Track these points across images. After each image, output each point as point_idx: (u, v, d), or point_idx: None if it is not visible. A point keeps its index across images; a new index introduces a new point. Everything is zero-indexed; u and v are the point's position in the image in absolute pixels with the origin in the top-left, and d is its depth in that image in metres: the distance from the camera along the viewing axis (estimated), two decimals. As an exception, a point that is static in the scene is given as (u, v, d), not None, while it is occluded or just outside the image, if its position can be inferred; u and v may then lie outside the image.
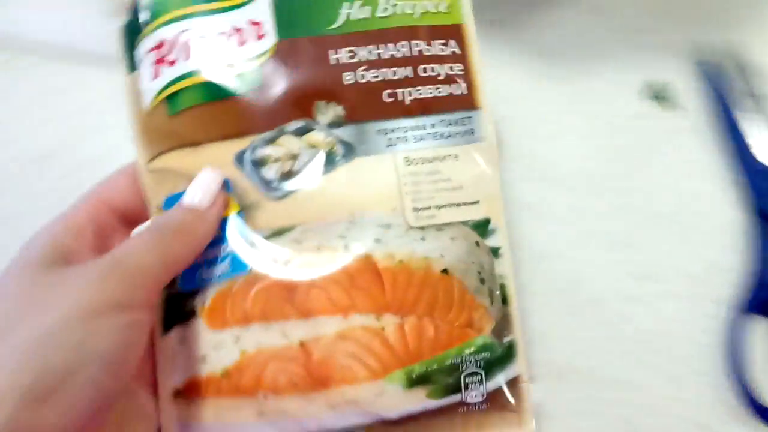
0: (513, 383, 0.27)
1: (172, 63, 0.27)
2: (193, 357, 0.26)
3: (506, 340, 0.27)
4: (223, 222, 0.26)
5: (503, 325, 0.27)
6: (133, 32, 0.28)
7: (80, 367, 0.20)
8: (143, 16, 0.28)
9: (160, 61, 0.27)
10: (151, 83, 0.27)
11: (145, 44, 0.27)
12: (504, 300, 0.27)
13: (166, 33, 0.27)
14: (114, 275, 0.21)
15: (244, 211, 0.27)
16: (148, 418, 0.25)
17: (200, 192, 0.25)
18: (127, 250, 0.23)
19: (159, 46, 0.27)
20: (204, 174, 0.26)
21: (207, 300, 0.26)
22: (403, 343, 0.26)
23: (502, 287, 0.27)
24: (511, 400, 0.26)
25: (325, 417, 0.26)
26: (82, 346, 0.20)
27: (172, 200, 0.27)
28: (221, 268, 0.26)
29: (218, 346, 0.26)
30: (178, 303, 0.27)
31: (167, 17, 0.27)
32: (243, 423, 0.26)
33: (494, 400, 0.26)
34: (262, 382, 0.25)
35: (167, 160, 0.27)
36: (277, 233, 0.26)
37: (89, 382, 0.20)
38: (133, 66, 0.28)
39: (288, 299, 0.26)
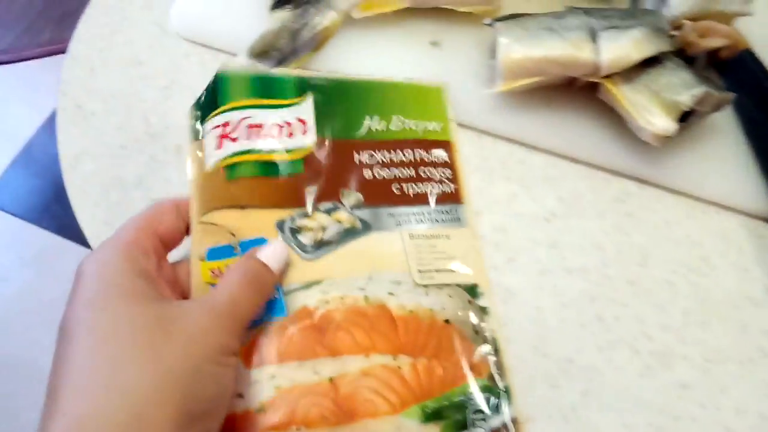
0: (514, 423, 0.31)
1: (234, 140, 0.34)
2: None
3: (502, 384, 0.32)
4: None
5: (499, 371, 0.32)
6: (203, 110, 0.35)
7: (221, 399, 0.24)
8: (214, 100, 0.35)
9: (224, 136, 0.34)
10: (215, 151, 0.34)
11: (214, 121, 0.34)
12: (496, 350, 0.33)
13: (232, 116, 0.34)
14: (230, 321, 0.26)
15: (281, 267, 0.32)
16: None
17: (274, 256, 0.30)
18: (232, 296, 0.27)
19: (225, 125, 0.34)
20: (278, 243, 0.31)
21: (246, 341, 0.30)
22: (417, 380, 0.30)
23: (494, 340, 0.33)
24: (514, 439, 0.30)
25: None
26: (220, 380, 0.24)
27: (214, 252, 0.32)
28: (258, 314, 0.31)
29: (254, 383, 0.29)
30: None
31: (234, 105, 0.35)
32: (276, 456, 0.28)
33: (499, 438, 0.30)
34: (295, 416, 0.29)
35: (217, 217, 0.32)
36: (307, 285, 0.32)
37: (222, 413, 0.24)
38: (198, 135, 0.34)
39: (318, 340, 0.30)
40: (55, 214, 1.31)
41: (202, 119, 0.35)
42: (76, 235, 1.27)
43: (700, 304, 0.38)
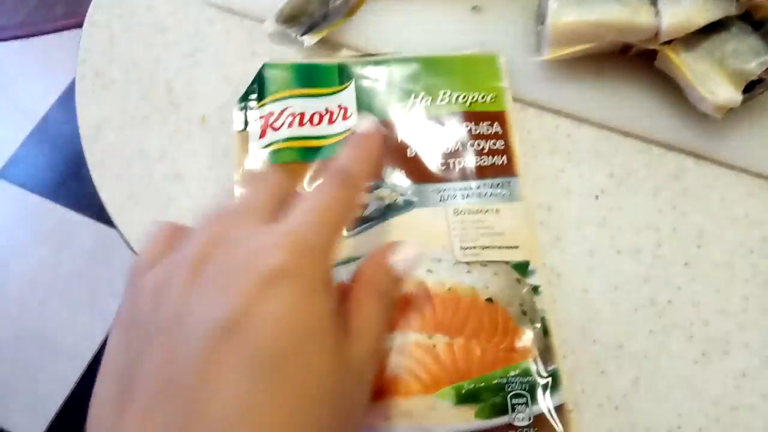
0: (559, 410, 0.29)
1: (276, 129, 0.35)
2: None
3: (550, 368, 0.30)
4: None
5: (546, 354, 0.30)
6: (248, 101, 0.36)
7: None
8: (258, 92, 0.36)
9: (267, 126, 0.35)
10: (259, 140, 0.35)
11: (258, 112, 0.36)
12: (545, 332, 0.31)
13: (274, 107, 0.35)
14: None
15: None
16: None
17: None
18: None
19: (268, 116, 0.35)
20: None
21: None
22: (453, 360, 0.29)
23: (543, 320, 0.31)
24: (559, 427, 0.29)
25: (380, 427, 0.27)
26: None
27: None
28: None
29: None
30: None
31: (277, 96, 0.36)
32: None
33: (541, 425, 0.29)
34: None
35: None
36: (347, 261, 0.31)
37: None
38: (244, 126, 0.36)
39: None
40: (71, 189, 1.31)
41: (249, 109, 0.36)
42: (92, 211, 1.27)
43: (761, 288, 0.35)
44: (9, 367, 1.15)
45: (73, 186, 1.31)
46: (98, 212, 1.28)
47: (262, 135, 0.35)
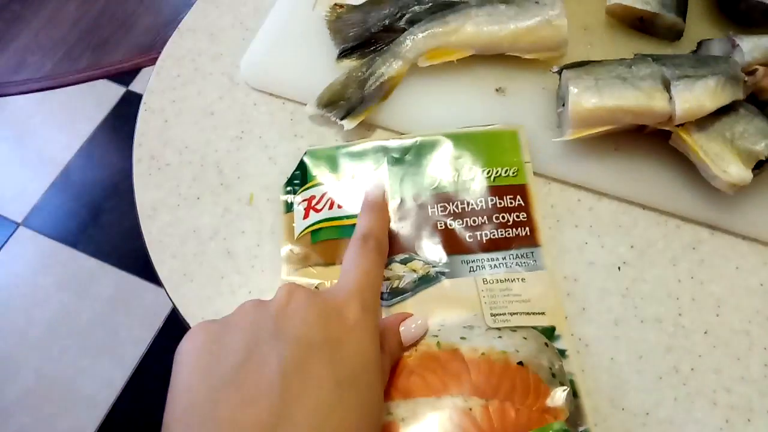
0: (592, 470, 0.32)
1: (318, 210, 0.39)
2: None
3: (581, 429, 0.33)
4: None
5: (576, 415, 0.33)
6: (293, 186, 0.41)
7: None
8: (301, 178, 0.41)
9: (309, 208, 0.39)
10: (302, 221, 0.39)
11: (302, 196, 0.40)
12: (574, 394, 0.34)
13: (315, 191, 0.40)
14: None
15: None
16: None
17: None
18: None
19: (310, 199, 0.40)
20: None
21: None
22: (489, 422, 0.32)
23: (572, 383, 0.34)
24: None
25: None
26: None
27: None
28: None
29: None
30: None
31: (317, 182, 0.40)
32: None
33: (575, 486, 0.31)
34: None
35: (304, 275, 0.38)
36: None
37: None
38: (289, 208, 0.40)
39: (392, 384, 0.33)
40: (91, 237, 1.35)
41: (293, 193, 0.40)
42: (112, 258, 1.30)
43: (779, 355, 0.38)
44: (29, 415, 1.17)
45: (93, 233, 1.35)
46: (118, 259, 1.32)
47: (306, 216, 0.39)
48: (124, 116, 1.49)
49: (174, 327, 1.24)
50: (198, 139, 0.45)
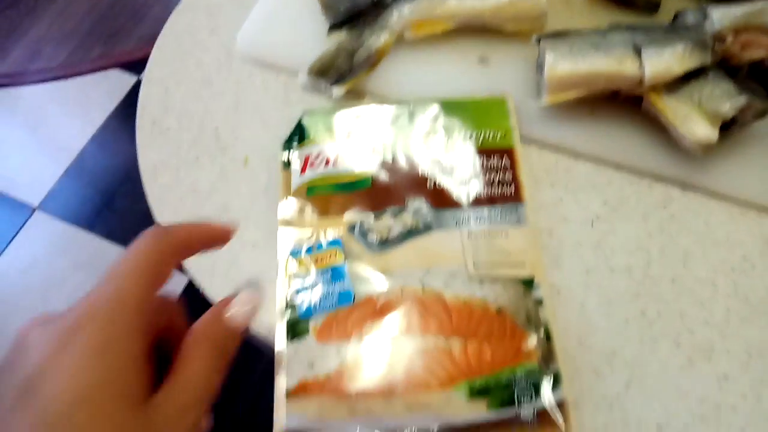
0: (561, 406, 0.34)
1: (314, 167, 0.42)
2: (303, 364, 0.34)
3: (552, 368, 0.35)
4: (334, 267, 0.37)
5: (549, 357, 0.36)
6: (289, 146, 0.44)
7: None
8: (299, 136, 0.43)
9: (306, 165, 0.42)
10: (299, 177, 0.42)
11: (298, 154, 0.43)
12: (548, 337, 0.36)
13: (312, 150, 0.43)
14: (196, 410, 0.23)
15: (350, 261, 0.37)
16: None
17: (244, 308, 0.26)
18: (196, 390, 0.23)
19: (307, 157, 0.42)
20: (245, 293, 0.27)
21: (318, 322, 0.35)
22: (466, 359, 0.34)
23: (546, 328, 0.37)
24: (560, 420, 0.34)
25: (403, 417, 0.33)
26: None
27: (296, 251, 0.39)
28: (331, 299, 0.36)
29: (324, 355, 0.35)
30: (296, 324, 0.35)
31: (314, 141, 0.43)
32: (338, 420, 0.33)
33: (544, 419, 0.34)
34: (356, 384, 0.34)
35: (299, 225, 0.40)
36: (373, 276, 0.37)
37: None
38: (287, 165, 0.43)
39: (378, 320, 0.36)
40: (106, 220, 1.39)
41: (290, 151, 0.43)
42: (125, 241, 1.35)
43: (742, 302, 0.40)
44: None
45: (107, 217, 1.40)
46: (131, 241, 1.36)
47: (302, 172, 0.42)
48: (135, 104, 1.53)
49: (185, 307, 1.27)
50: (196, 106, 0.48)
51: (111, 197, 1.42)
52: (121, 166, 1.45)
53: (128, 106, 1.53)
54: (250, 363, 1.22)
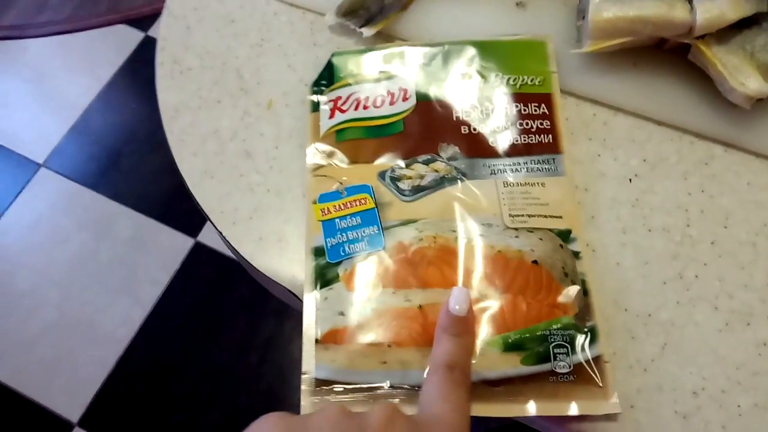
0: (597, 361, 0.33)
1: (343, 111, 0.40)
2: (333, 312, 0.33)
3: (588, 324, 0.34)
4: (364, 213, 0.35)
5: (585, 312, 0.34)
6: (319, 86, 0.42)
7: None
8: (328, 79, 0.41)
9: (335, 108, 0.40)
10: (328, 120, 0.40)
11: (328, 96, 0.41)
12: (585, 292, 0.35)
13: (342, 92, 0.41)
14: None
15: (380, 208, 0.36)
16: None
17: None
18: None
19: (336, 100, 0.40)
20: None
21: (348, 268, 0.34)
22: (501, 314, 0.33)
23: (583, 282, 0.35)
24: (596, 376, 0.33)
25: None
26: None
27: (324, 196, 0.38)
28: (361, 245, 0.34)
29: (354, 304, 0.34)
30: (324, 271, 0.34)
31: (344, 83, 0.41)
32: (369, 371, 0.32)
33: (580, 373, 0.33)
34: (388, 334, 0.32)
35: (328, 170, 0.39)
36: (404, 223, 0.36)
37: None
38: (315, 107, 0.41)
39: (411, 272, 0.34)
40: (111, 179, 1.38)
41: (320, 93, 0.41)
42: (131, 201, 1.33)
43: (784, 266, 0.39)
44: (51, 350, 1.21)
45: (113, 176, 1.38)
46: (137, 202, 1.35)
47: (332, 116, 0.40)
48: (142, 61, 1.50)
49: (190, 270, 1.27)
50: (219, 45, 0.46)
51: (117, 156, 1.40)
52: (127, 124, 1.43)
53: (135, 62, 1.50)
54: (257, 323, 1.22)
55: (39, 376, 1.19)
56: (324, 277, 0.34)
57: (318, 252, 0.35)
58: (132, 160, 1.39)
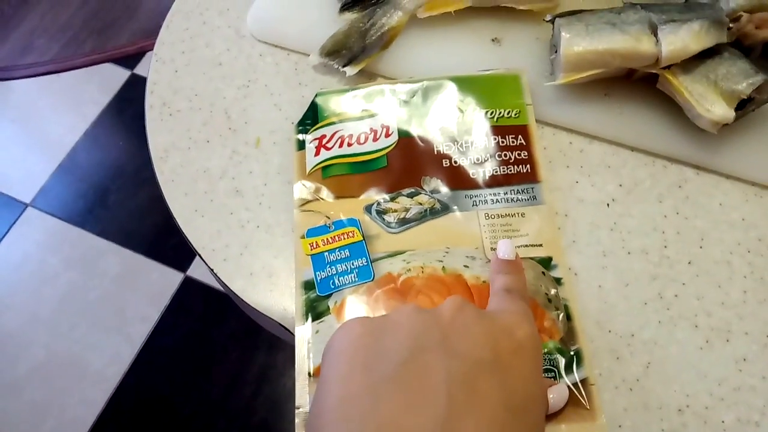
0: (584, 384, 0.34)
1: (328, 148, 0.41)
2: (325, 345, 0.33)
3: (573, 347, 0.35)
4: (352, 245, 0.36)
5: (570, 336, 0.35)
6: (303, 127, 0.43)
7: None
8: (312, 118, 0.43)
9: (320, 146, 0.41)
10: (314, 158, 0.41)
11: (313, 135, 0.42)
12: (568, 317, 0.36)
13: (326, 130, 0.42)
14: None
15: (368, 240, 0.37)
16: None
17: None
18: None
19: (321, 138, 0.42)
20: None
21: (339, 300, 0.35)
22: None
23: (566, 307, 0.36)
24: (583, 399, 0.34)
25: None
26: None
27: (312, 231, 0.38)
28: (350, 278, 0.35)
29: None
30: (315, 304, 0.35)
31: (328, 121, 0.43)
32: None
33: (568, 398, 0.33)
34: None
35: (315, 205, 0.40)
36: (392, 255, 0.37)
37: None
38: (301, 146, 0.42)
39: (401, 301, 0.35)
40: (98, 217, 1.37)
41: (305, 132, 0.43)
42: (118, 238, 1.33)
43: (758, 283, 0.40)
44: (40, 392, 1.20)
45: (100, 214, 1.38)
46: (124, 239, 1.35)
47: (317, 153, 0.41)
48: (128, 99, 1.52)
49: (180, 305, 1.26)
50: (207, 87, 0.48)
51: (104, 193, 1.40)
52: (113, 162, 1.43)
53: (121, 100, 1.52)
54: (248, 356, 1.21)
55: (28, 419, 1.17)
56: (315, 310, 0.35)
57: (308, 285, 0.36)
58: (119, 196, 1.40)
